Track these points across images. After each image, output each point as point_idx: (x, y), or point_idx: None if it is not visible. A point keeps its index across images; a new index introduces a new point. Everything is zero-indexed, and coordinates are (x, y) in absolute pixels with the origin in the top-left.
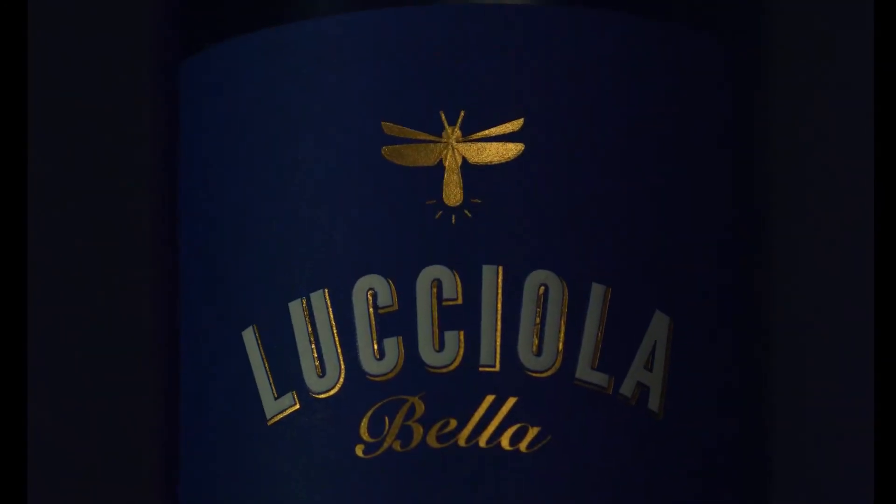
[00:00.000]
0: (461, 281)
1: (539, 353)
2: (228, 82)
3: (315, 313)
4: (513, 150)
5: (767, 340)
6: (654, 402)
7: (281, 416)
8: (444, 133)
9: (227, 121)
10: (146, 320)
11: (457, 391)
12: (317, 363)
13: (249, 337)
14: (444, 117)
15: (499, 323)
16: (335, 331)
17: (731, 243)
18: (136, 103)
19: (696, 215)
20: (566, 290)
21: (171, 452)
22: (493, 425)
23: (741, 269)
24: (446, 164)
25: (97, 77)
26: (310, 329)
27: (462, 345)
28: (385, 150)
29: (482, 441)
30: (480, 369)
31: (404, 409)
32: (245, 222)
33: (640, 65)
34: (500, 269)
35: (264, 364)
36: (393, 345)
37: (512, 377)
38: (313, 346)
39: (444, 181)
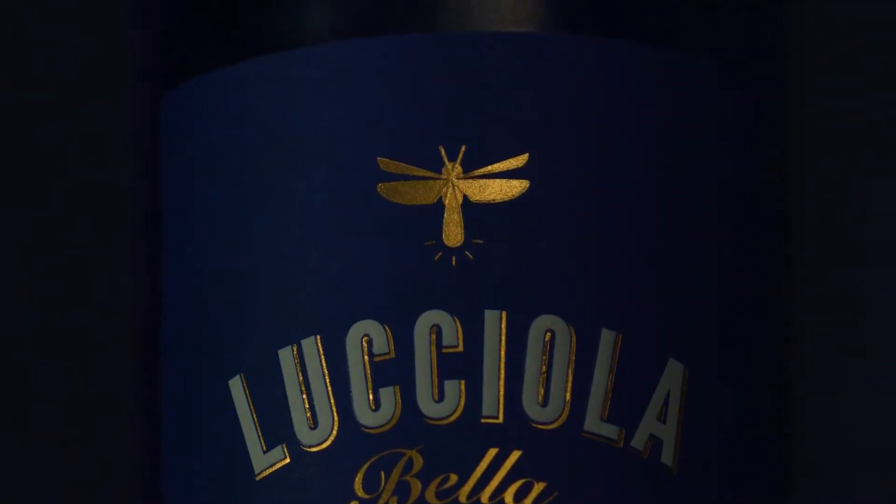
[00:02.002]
0: (462, 327)
1: (545, 403)
2: (213, 116)
3: (306, 361)
4: (517, 187)
5: (787, 390)
6: (667, 456)
7: (270, 470)
8: (443, 169)
9: (213, 157)
10: (127, 368)
11: (457, 444)
12: (308, 414)
13: (236, 386)
14: (443, 152)
15: (502, 371)
16: (328, 380)
17: (748, 287)
18: (117, 138)
19: (713, 258)
20: (574, 337)
21: None
22: (497, 480)
23: (758, 314)
24: (446, 202)
25: (77, 110)
26: (301, 378)
27: (463, 395)
28: (381, 187)
29: (484, 497)
30: (482, 421)
31: (401, 464)
32: (231, 264)
33: (652, 97)
34: (504, 314)
35: (252, 415)
36: (389, 395)
37: (516, 429)
38: (304, 396)
39: (444, 220)
